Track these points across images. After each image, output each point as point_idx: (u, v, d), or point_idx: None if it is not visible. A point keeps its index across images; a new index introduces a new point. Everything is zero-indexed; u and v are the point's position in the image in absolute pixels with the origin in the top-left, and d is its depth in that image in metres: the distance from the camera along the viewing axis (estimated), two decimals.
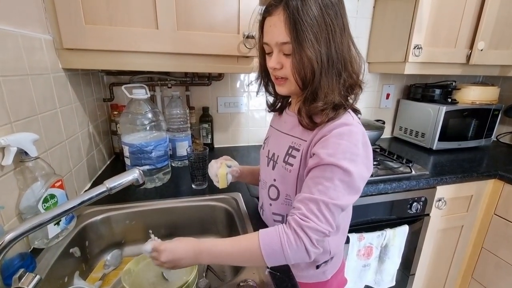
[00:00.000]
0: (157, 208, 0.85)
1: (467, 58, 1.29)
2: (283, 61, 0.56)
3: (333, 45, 0.51)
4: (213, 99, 1.39)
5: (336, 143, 0.51)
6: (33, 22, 0.71)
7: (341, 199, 0.50)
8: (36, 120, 0.68)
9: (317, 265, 0.66)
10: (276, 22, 0.53)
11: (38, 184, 0.61)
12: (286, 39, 0.52)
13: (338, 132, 0.51)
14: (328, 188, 0.50)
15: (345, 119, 0.54)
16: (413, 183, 1.07)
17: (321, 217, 0.49)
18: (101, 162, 1.12)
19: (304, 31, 0.50)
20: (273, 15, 0.54)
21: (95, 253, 0.77)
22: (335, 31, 0.51)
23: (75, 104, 0.90)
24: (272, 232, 0.51)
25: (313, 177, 0.52)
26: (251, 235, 0.53)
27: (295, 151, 0.60)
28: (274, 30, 0.54)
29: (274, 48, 0.56)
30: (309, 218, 0.49)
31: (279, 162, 0.64)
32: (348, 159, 0.50)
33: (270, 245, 0.50)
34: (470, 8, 1.21)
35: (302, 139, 0.59)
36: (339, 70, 0.53)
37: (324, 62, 0.51)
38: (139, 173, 0.53)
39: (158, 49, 0.84)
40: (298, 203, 0.52)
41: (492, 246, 1.24)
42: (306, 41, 0.50)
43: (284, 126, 0.67)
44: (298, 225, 0.49)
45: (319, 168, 0.52)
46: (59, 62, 0.81)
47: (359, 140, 0.52)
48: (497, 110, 1.45)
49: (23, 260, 0.54)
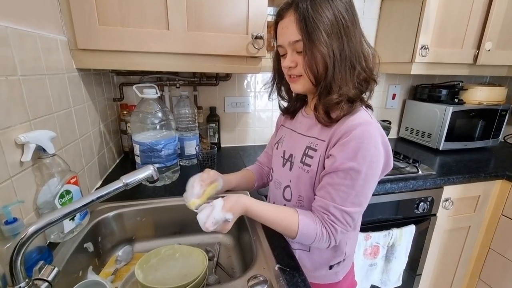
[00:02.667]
0: (167, 206, 0.86)
1: (474, 58, 1.29)
2: (296, 59, 0.58)
3: (345, 40, 0.53)
4: (220, 99, 1.40)
5: (356, 147, 0.52)
6: (49, 23, 0.73)
7: (363, 202, 0.56)
8: (52, 118, 0.70)
9: (331, 265, 0.67)
10: (287, 24, 0.56)
11: (55, 180, 0.63)
12: (297, 37, 0.55)
13: (358, 135, 0.52)
14: (349, 195, 0.54)
15: (363, 117, 0.55)
16: (420, 183, 1.07)
17: (345, 223, 0.56)
18: (111, 161, 1.14)
19: (315, 27, 0.52)
20: (284, 18, 0.57)
21: (107, 248, 0.79)
22: (346, 26, 0.53)
23: (88, 103, 0.93)
24: (311, 228, 0.57)
25: (333, 184, 0.55)
26: (292, 218, 0.59)
27: (312, 151, 0.61)
28: (286, 31, 0.57)
29: (287, 48, 0.58)
30: (338, 226, 0.56)
31: (296, 163, 0.65)
32: (367, 163, 0.52)
33: (306, 235, 0.58)
34: (478, 8, 1.21)
35: (320, 139, 0.60)
36: (353, 63, 0.55)
37: (336, 56, 0.53)
38: (154, 169, 0.55)
39: (169, 50, 0.86)
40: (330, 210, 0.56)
41: (500, 247, 1.23)
42: (317, 36, 0.52)
43: (300, 127, 0.68)
44: (331, 232, 0.57)
45: (338, 174, 0.54)
46: (73, 62, 0.83)
47: (378, 141, 0.53)
48: (505, 111, 1.44)
49: (41, 253, 0.56)
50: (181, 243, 0.85)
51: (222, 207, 0.56)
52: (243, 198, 0.61)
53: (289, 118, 0.76)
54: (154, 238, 0.86)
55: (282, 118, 0.81)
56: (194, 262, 0.65)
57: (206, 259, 0.64)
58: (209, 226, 0.54)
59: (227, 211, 0.56)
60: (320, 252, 0.67)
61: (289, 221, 0.58)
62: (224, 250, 0.85)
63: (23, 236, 0.40)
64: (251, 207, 0.60)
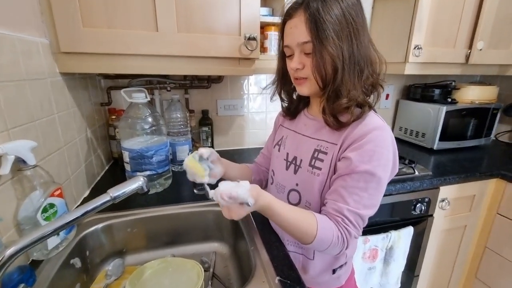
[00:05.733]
0: (159, 215, 0.83)
1: (466, 58, 1.29)
2: (304, 61, 0.56)
3: (355, 43, 0.52)
4: (212, 102, 1.37)
5: (371, 150, 0.52)
6: (29, 25, 0.68)
7: (375, 205, 0.55)
8: (34, 126, 0.65)
9: (334, 269, 0.66)
10: (297, 24, 0.54)
11: (37, 193, 0.58)
12: (306, 38, 0.53)
13: (373, 139, 0.53)
14: (363, 198, 0.53)
15: (377, 121, 0.55)
16: (417, 184, 1.06)
17: (358, 227, 0.55)
18: (99, 168, 1.09)
19: (325, 29, 0.50)
20: (293, 18, 0.54)
21: (96, 263, 0.75)
22: (356, 29, 0.52)
23: (73, 109, 0.88)
24: (328, 232, 0.53)
25: (346, 187, 0.54)
26: (311, 221, 0.54)
27: (322, 154, 0.59)
28: (295, 31, 0.54)
29: (295, 49, 0.56)
30: (351, 229, 0.54)
31: (304, 166, 0.62)
32: (382, 166, 0.53)
33: (323, 240, 0.53)
34: (469, 7, 1.21)
35: (330, 142, 0.59)
36: (361, 67, 0.54)
37: (346, 59, 0.52)
38: (144, 180, 0.51)
39: (158, 52, 0.82)
40: (344, 213, 0.54)
41: (496, 245, 1.24)
42: (327, 38, 0.51)
43: (305, 129, 0.66)
44: (346, 236, 0.54)
45: (352, 176, 0.53)
46: (56, 66, 0.78)
47: (389, 144, 0.54)
48: (496, 109, 1.46)
49: (22, 273, 0.51)
50: (175, 253, 0.82)
51: (249, 189, 0.50)
52: (267, 193, 0.54)
53: (289, 118, 0.73)
54: (146, 250, 0.83)
55: (280, 118, 0.78)
56: (189, 276, 0.62)
57: (202, 272, 0.61)
58: (225, 195, 0.48)
59: (251, 196, 0.50)
60: (323, 257, 0.65)
61: (309, 223, 0.54)
62: (220, 260, 0.81)
63: (0, 259, 0.36)
64: (274, 204, 0.53)
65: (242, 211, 0.51)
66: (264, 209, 0.54)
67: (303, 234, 0.54)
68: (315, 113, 0.66)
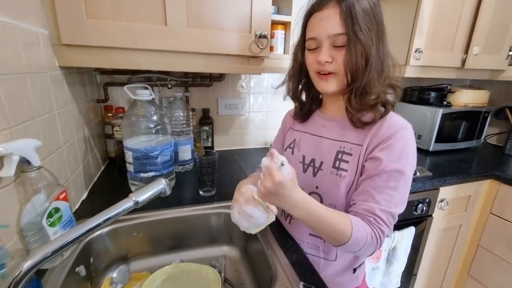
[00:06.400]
0: (165, 218, 0.79)
1: (462, 62, 1.33)
2: (334, 55, 0.55)
3: (381, 40, 0.53)
4: (213, 101, 1.33)
5: (400, 150, 0.53)
6: (28, 14, 0.63)
7: (404, 202, 0.56)
8: (35, 124, 0.60)
9: (354, 268, 0.66)
10: (329, 15, 0.53)
11: (41, 196, 0.53)
12: (341, 30, 0.52)
13: (401, 138, 0.54)
14: (393, 197, 0.53)
15: (402, 121, 0.57)
16: (419, 185, 1.08)
17: (390, 226, 0.55)
18: (96, 168, 1.04)
19: (360, 23, 0.51)
20: (325, 9, 0.53)
21: (100, 269, 0.70)
22: (383, 26, 0.53)
23: (71, 106, 0.83)
24: (362, 232, 0.52)
25: (376, 187, 0.54)
26: (346, 219, 0.53)
27: (346, 156, 0.58)
28: (327, 22, 0.53)
29: (324, 41, 0.55)
30: (384, 228, 0.53)
31: (326, 169, 0.61)
32: (409, 164, 0.54)
33: (357, 240, 0.52)
34: (467, 13, 1.24)
35: (355, 143, 0.58)
36: (383, 66, 0.55)
37: (374, 56, 0.52)
38: (166, 183, 0.48)
39: (167, 47, 0.79)
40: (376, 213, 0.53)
41: (489, 244, 1.28)
42: (362, 32, 0.51)
43: (324, 130, 0.64)
44: (379, 236, 0.53)
45: (381, 176, 0.53)
46: (55, 59, 0.73)
47: (414, 142, 0.56)
48: (487, 112, 1.51)
49: (29, 284, 0.47)
50: (183, 258, 0.79)
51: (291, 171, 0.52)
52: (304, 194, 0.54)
53: (300, 121, 0.72)
54: (152, 255, 0.79)
55: (290, 120, 0.76)
56: (206, 283, 0.59)
57: (219, 278, 0.59)
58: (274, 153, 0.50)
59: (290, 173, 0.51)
60: (344, 257, 0.65)
61: (344, 223, 0.52)
62: (230, 264, 0.79)
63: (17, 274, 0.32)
64: (309, 199, 0.53)
65: (277, 175, 0.48)
66: (301, 203, 0.52)
67: (337, 234, 0.52)
68: (332, 113, 0.65)
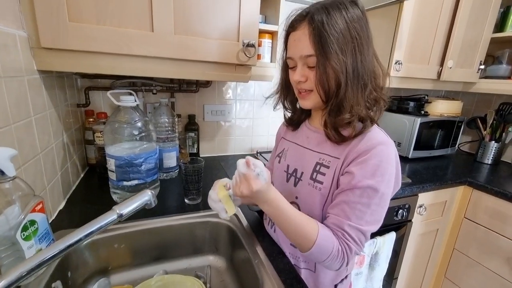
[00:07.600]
0: (148, 228, 0.77)
1: (438, 74, 1.41)
2: (307, 74, 0.55)
3: (359, 57, 0.52)
4: (199, 107, 1.32)
5: (375, 165, 0.51)
6: (6, 14, 0.60)
7: (378, 221, 0.54)
8: (10, 131, 0.57)
9: (335, 284, 0.65)
10: (300, 36, 0.53)
11: (15, 209, 0.50)
12: (310, 52, 0.52)
13: (377, 154, 0.52)
14: (365, 214, 0.52)
15: (381, 136, 0.55)
16: (400, 191, 1.12)
17: (359, 243, 0.54)
18: (75, 176, 0.99)
19: (329, 43, 0.50)
20: (297, 30, 0.54)
21: (78, 284, 0.67)
22: (361, 43, 0.52)
23: (50, 111, 0.79)
24: (329, 241, 0.53)
25: (348, 202, 0.53)
26: (313, 225, 0.54)
27: (324, 168, 0.58)
28: (298, 44, 0.54)
29: (298, 61, 0.55)
30: (352, 245, 0.53)
31: (304, 179, 0.61)
32: (385, 182, 0.52)
33: (321, 249, 0.52)
34: (442, 29, 1.32)
35: (333, 156, 0.58)
36: (365, 81, 0.53)
37: (349, 73, 0.52)
38: (151, 194, 0.47)
39: (153, 54, 0.77)
40: (344, 228, 0.53)
41: (463, 247, 1.35)
42: (331, 52, 0.50)
43: (307, 141, 0.65)
44: (346, 251, 0.53)
45: (354, 192, 0.52)
46: (34, 63, 0.70)
47: (393, 160, 0.54)
48: (461, 122, 1.60)
49: None
50: (167, 269, 0.77)
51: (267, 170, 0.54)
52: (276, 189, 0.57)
53: (291, 130, 0.73)
54: (134, 267, 0.76)
55: (283, 130, 0.77)
56: None
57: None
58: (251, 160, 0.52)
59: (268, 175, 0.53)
60: (325, 272, 0.65)
61: (311, 227, 0.53)
62: (216, 274, 0.78)
63: None
64: (281, 199, 0.55)
65: (255, 184, 0.51)
66: (271, 201, 0.54)
67: (302, 238, 0.53)
68: (317, 125, 0.66)
